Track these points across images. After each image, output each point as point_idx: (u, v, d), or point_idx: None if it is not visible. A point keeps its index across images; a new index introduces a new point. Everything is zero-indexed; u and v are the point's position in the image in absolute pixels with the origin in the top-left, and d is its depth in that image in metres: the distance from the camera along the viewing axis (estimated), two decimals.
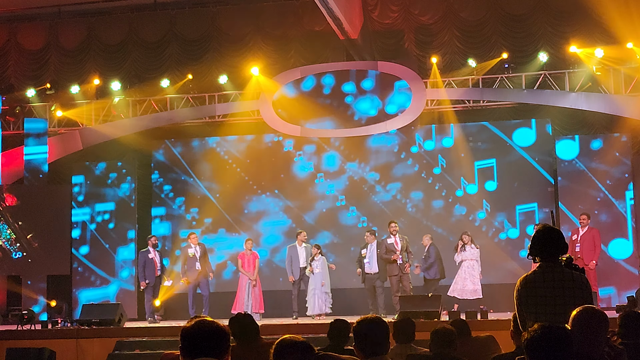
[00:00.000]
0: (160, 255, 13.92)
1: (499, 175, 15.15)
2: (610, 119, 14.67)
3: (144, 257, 13.78)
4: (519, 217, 14.99)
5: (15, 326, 12.51)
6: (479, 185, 15.14)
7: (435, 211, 15.34)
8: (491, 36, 15.36)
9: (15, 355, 10.61)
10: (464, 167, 15.21)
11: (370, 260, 13.26)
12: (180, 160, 16.19)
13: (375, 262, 13.23)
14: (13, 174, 15.99)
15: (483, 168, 15.19)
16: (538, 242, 4.44)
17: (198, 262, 13.60)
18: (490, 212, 15.10)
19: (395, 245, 13.09)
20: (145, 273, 13.66)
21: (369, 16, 15.78)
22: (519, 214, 15.00)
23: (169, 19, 16.62)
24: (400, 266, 13.03)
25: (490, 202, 15.09)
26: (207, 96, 16.10)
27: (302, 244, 13.76)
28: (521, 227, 14.94)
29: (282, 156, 15.92)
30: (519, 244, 14.77)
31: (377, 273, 13.23)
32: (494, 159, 15.18)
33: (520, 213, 15.00)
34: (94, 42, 16.60)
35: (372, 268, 13.25)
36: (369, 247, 13.34)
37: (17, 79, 16.76)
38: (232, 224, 15.81)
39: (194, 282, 13.61)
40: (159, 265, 13.76)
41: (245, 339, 5.25)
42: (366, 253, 13.31)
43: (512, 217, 15.02)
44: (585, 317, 3.69)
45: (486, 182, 15.17)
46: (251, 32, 16.25)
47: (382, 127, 15.39)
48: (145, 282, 13.65)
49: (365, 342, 3.89)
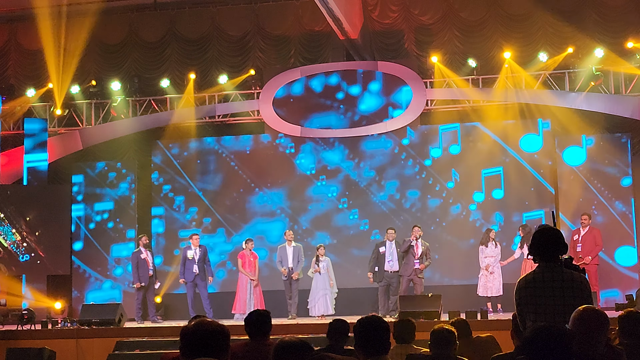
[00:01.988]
0: (152, 255, 13.84)
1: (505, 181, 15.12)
2: (610, 119, 14.67)
3: (136, 258, 13.69)
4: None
5: (15, 326, 12.51)
6: (486, 193, 15.04)
7: (432, 210, 15.32)
8: (491, 36, 15.36)
9: (15, 355, 10.62)
10: (469, 170, 15.19)
11: (392, 258, 13.25)
12: (180, 160, 16.19)
13: (397, 260, 13.23)
14: (13, 174, 15.99)
15: (488, 176, 15.13)
16: (538, 243, 4.44)
17: (196, 264, 13.49)
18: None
19: (416, 249, 13.08)
20: (139, 273, 13.60)
21: (369, 16, 15.79)
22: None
23: (169, 19, 16.63)
24: (415, 270, 13.05)
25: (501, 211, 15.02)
26: (208, 96, 16.11)
27: (291, 244, 13.75)
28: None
29: (282, 156, 15.92)
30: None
31: (396, 271, 13.25)
32: (500, 168, 15.09)
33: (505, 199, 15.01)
34: (93, 42, 16.59)
35: (393, 266, 13.24)
36: (389, 245, 13.33)
37: (17, 79, 16.76)
38: (232, 224, 15.80)
39: (192, 283, 13.59)
40: (152, 265, 13.72)
41: (259, 336, 5.16)
42: (385, 251, 13.32)
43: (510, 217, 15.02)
44: (585, 317, 3.69)
45: (493, 190, 15.07)
46: (251, 32, 16.26)
47: (382, 127, 15.40)
48: (140, 284, 13.60)
49: (366, 342, 3.89)
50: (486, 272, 13.23)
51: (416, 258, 13.05)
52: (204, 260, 13.61)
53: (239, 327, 5.29)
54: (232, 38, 16.37)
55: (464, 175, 15.09)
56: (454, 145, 15.25)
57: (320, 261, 13.43)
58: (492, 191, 15.00)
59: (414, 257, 13.05)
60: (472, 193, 15.05)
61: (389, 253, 13.29)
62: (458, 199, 15.14)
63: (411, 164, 15.45)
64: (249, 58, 16.12)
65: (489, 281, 13.19)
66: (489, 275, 13.20)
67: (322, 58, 15.94)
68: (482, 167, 15.01)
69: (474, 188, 15.05)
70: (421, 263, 13.05)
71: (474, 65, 14.99)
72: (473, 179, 15.07)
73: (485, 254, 13.31)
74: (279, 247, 13.94)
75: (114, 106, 16.04)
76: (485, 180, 15.03)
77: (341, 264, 14.92)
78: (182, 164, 16.14)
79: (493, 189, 14.98)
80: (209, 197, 15.96)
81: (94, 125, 16.28)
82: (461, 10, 15.54)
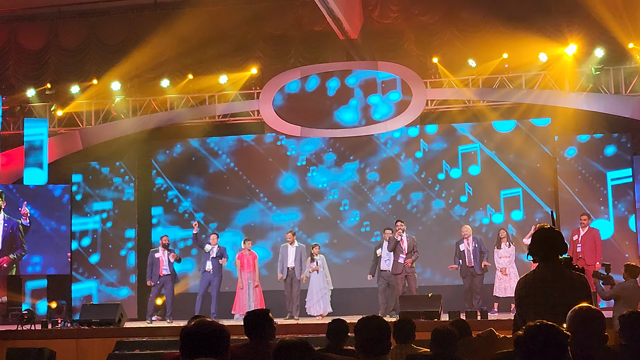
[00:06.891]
0: (168, 255, 13.86)
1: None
2: (611, 119, 14.67)
3: (152, 257, 13.84)
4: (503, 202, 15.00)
5: (15, 326, 12.51)
6: (505, 214, 15.05)
7: (435, 212, 15.34)
8: (491, 36, 15.35)
9: (15, 355, 10.62)
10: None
11: (388, 258, 13.26)
12: (180, 161, 16.19)
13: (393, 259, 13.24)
14: (13, 174, 15.98)
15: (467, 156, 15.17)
16: (537, 243, 4.44)
17: (209, 261, 13.60)
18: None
19: (402, 244, 13.09)
20: (152, 272, 13.71)
21: (369, 16, 15.78)
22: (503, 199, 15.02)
23: (169, 19, 16.61)
24: (406, 266, 13.07)
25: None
26: (207, 96, 16.11)
27: (293, 244, 13.74)
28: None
29: (282, 156, 15.92)
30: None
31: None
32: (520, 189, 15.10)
33: (505, 198, 15.01)
34: (94, 42, 16.59)
35: (390, 265, 13.25)
36: (385, 245, 13.34)
37: (17, 79, 16.75)
38: (232, 224, 15.80)
39: (205, 281, 13.62)
40: (166, 265, 13.75)
41: (258, 337, 5.05)
42: (381, 252, 13.32)
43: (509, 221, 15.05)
44: (580, 317, 3.68)
45: (512, 211, 15.11)
46: (251, 32, 16.25)
47: (382, 127, 15.40)
48: (151, 282, 13.73)
49: (366, 342, 3.89)
50: (500, 274, 13.18)
51: (404, 253, 13.03)
52: (219, 259, 13.65)
53: (239, 327, 5.28)
54: (232, 38, 16.36)
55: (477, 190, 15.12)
56: (474, 166, 15.25)
57: (315, 260, 13.43)
58: (511, 212, 15.02)
59: (401, 253, 13.04)
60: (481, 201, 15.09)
61: (386, 253, 13.29)
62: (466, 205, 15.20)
63: (410, 164, 15.46)
64: (249, 58, 16.11)
65: (505, 282, 13.14)
66: (503, 277, 13.14)
67: (322, 58, 15.94)
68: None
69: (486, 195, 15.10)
70: (407, 258, 12.97)
71: (474, 66, 14.99)
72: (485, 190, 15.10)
73: (500, 255, 13.28)
74: (281, 247, 13.94)
75: (114, 106, 16.04)
76: (504, 201, 15.04)
77: (341, 265, 14.93)
78: (182, 164, 16.14)
79: (512, 210, 15.00)
80: (209, 198, 15.96)
81: (94, 125, 16.27)
82: (461, 10, 15.52)
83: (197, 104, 16.10)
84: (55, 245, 15.31)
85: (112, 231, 15.85)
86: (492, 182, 15.10)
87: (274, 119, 15.69)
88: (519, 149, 15.10)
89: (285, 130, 15.67)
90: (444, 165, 15.39)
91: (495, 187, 15.09)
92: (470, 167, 15.23)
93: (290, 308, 13.55)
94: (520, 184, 14.96)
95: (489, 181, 15.11)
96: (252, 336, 4.97)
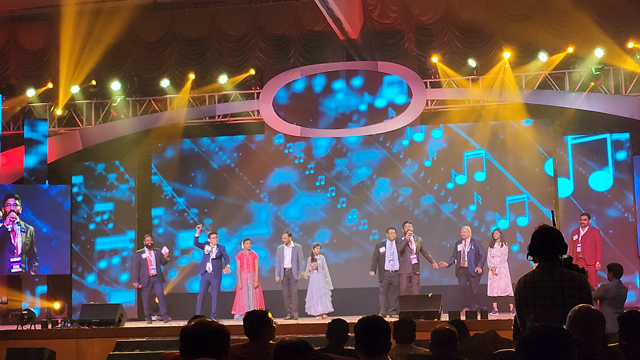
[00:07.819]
0: (156, 255, 13.85)
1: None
2: (611, 119, 14.66)
3: (138, 258, 13.78)
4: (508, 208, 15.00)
5: (15, 326, 12.51)
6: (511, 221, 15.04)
7: (435, 211, 15.32)
8: (491, 36, 15.36)
9: (15, 355, 10.62)
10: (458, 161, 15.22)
11: (393, 258, 13.27)
12: (180, 161, 16.18)
13: (397, 259, 13.26)
14: (13, 174, 15.98)
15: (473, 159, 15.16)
16: (537, 243, 4.43)
17: (210, 262, 13.57)
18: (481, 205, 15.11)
19: (410, 245, 13.15)
20: (139, 274, 13.66)
21: (369, 16, 15.79)
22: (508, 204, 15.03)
23: (169, 19, 16.62)
24: (413, 266, 13.12)
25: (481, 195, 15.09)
26: (207, 96, 16.11)
27: (289, 245, 13.73)
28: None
29: (282, 156, 15.91)
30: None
31: (397, 271, 13.27)
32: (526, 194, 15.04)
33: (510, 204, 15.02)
34: (94, 42, 16.57)
35: (394, 266, 13.27)
36: (389, 245, 13.35)
37: (17, 79, 16.76)
38: (232, 224, 15.79)
39: (205, 281, 13.62)
40: (154, 264, 13.73)
41: (258, 337, 5.02)
42: (385, 251, 13.35)
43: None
44: (580, 317, 3.68)
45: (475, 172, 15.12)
46: (251, 32, 16.25)
47: (382, 127, 15.40)
48: (138, 284, 13.70)
49: (366, 342, 3.89)
50: (490, 273, 13.23)
51: (413, 254, 13.13)
52: (219, 260, 13.64)
53: (239, 327, 5.28)
54: (232, 38, 16.37)
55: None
56: (479, 172, 15.22)
57: (315, 260, 13.43)
58: (518, 219, 14.95)
59: (410, 254, 13.13)
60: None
61: (390, 253, 13.31)
62: (457, 200, 15.16)
63: (410, 163, 15.45)
64: (248, 58, 16.12)
65: (495, 281, 13.18)
66: (493, 277, 13.19)
67: (322, 58, 15.94)
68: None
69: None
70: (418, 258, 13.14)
71: (474, 65, 15.00)
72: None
73: (492, 254, 13.31)
74: (278, 248, 13.95)
75: (114, 106, 16.04)
76: (509, 206, 15.02)
77: (340, 264, 14.92)
78: (182, 164, 16.13)
79: (518, 216, 14.95)
80: (209, 198, 15.95)
81: (94, 125, 16.28)
82: (461, 10, 15.54)
83: (197, 104, 16.10)
84: (56, 245, 15.29)
85: (112, 232, 15.84)
86: (497, 187, 15.06)
87: (274, 119, 15.69)
88: (519, 149, 15.06)
89: (286, 130, 15.67)
90: (431, 153, 15.30)
91: (501, 192, 15.05)
92: (476, 173, 15.16)
93: (290, 308, 13.55)
94: (522, 190, 14.92)
95: (493, 186, 15.09)
96: (252, 336, 4.97)
